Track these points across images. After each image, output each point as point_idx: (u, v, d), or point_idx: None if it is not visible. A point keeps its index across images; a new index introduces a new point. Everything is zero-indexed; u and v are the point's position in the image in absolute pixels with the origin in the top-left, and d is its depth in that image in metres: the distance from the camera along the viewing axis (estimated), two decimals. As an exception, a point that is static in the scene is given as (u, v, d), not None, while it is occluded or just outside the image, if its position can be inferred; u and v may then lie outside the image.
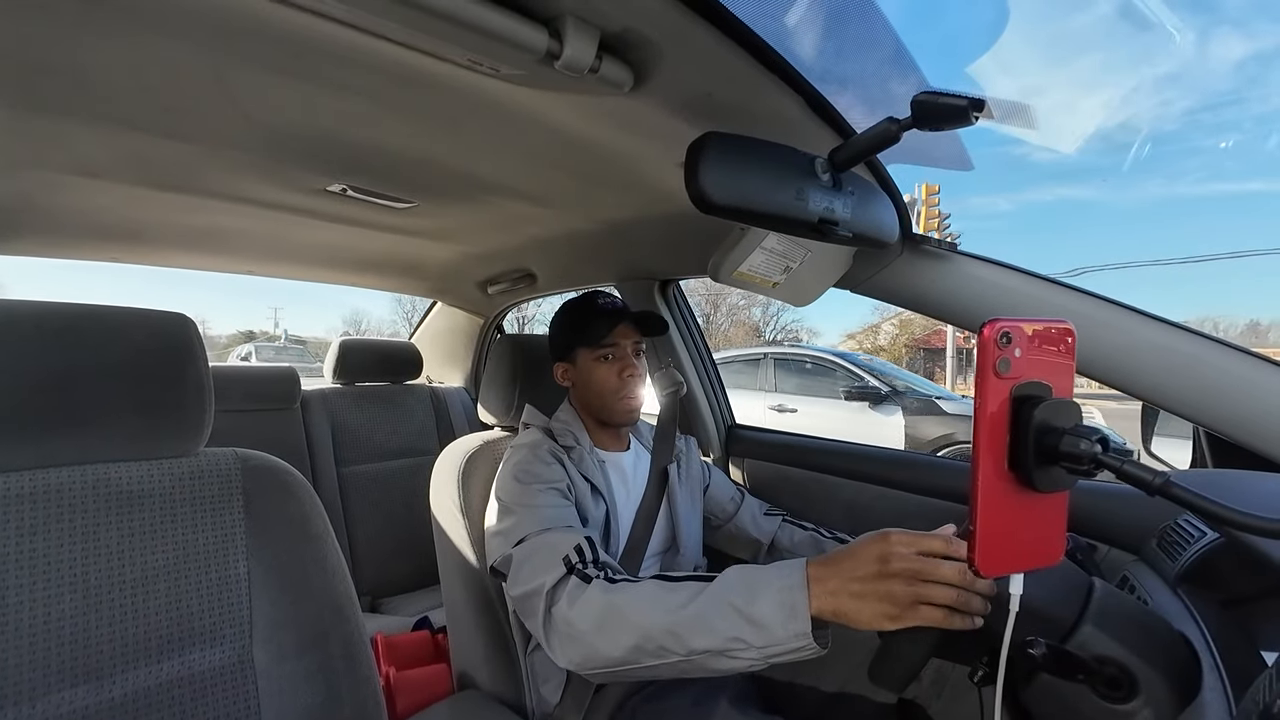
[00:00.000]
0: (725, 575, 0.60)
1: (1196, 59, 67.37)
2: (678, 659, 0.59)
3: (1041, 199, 44.91)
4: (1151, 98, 71.84)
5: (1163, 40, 6.29)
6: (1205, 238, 43.71)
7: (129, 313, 0.60)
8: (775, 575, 0.57)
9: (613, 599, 0.64)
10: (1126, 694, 0.52)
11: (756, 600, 0.56)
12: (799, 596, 0.54)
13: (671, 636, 0.59)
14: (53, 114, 0.70)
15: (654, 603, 0.61)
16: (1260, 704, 0.35)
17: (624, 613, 0.62)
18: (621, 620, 0.62)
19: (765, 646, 0.55)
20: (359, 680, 0.65)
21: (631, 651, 0.61)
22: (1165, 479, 0.34)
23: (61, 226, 1.14)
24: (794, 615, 0.54)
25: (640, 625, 0.60)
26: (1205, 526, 0.66)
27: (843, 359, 5.54)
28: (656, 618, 0.60)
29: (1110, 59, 13.10)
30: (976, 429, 0.37)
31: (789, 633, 0.54)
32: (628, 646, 0.61)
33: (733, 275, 0.80)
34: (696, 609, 0.59)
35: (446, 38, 0.52)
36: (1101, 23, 9.67)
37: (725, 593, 0.58)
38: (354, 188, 0.97)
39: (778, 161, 0.59)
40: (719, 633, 0.56)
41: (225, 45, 0.57)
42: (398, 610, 1.59)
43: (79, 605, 0.53)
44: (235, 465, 0.64)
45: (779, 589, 0.55)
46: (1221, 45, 61.86)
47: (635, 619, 0.61)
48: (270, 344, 19.76)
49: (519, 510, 0.81)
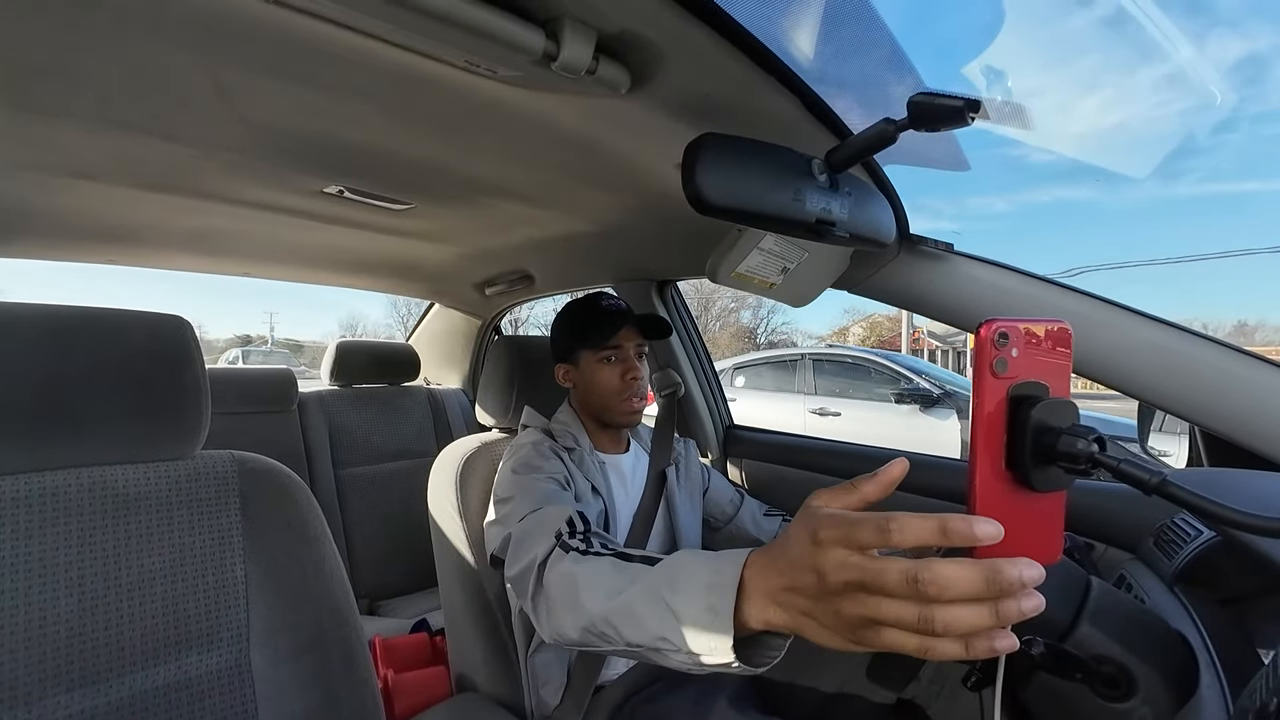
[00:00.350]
0: (669, 560, 0.53)
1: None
2: (623, 647, 0.53)
3: (1039, 199, 45.09)
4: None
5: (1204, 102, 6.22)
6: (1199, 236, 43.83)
7: (125, 315, 0.60)
8: (708, 569, 0.46)
9: (574, 572, 0.61)
10: (1124, 693, 0.52)
11: (681, 595, 0.47)
12: (724, 600, 0.43)
13: (608, 624, 0.53)
14: (48, 116, 0.70)
15: (599, 584, 0.57)
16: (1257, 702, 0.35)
17: (576, 592, 0.58)
18: (575, 599, 0.58)
19: (692, 653, 0.45)
20: (357, 683, 0.65)
21: (583, 633, 0.57)
22: (1162, 478, 0.34)
23: (57, 229, 1.14)
24: (716, 622, 0.43)
25: (585, 608, 0.56)
26: (1202, 525, 0.67)
27: (888, 359, 5.22)
28: (598, 602, 0.55)
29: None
30: (973, 429, 0.37)
31: (711, 643, 0.44)
32: (579, 627, 0.57)
33: (731, 276, 0.80)
34: (629, 598, 0.52)
35: (443, 39, 0.52)
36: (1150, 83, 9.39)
37: (659, 582, 0.50)
38: (351, 189, 0.96)
39: (775, 162, 0.59)
40: (647, 629, 0.49)
41: (220, 47, 0.57)
42: (396, 612, 1.59)
43: (75, 609, 0.53)
44: (232, 468, 0.64)
45: (705, 586, 0.45)
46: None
47: (583, 600, 0.57)
48: (259, 348, 20.14)
49: (518, 496, 0.81)
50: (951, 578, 0.31)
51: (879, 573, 0.33)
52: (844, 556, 0.35)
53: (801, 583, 0.38)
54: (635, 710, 0.86)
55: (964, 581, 0.31)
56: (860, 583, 0.34)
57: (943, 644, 0.33)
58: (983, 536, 0.32)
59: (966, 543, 0.32)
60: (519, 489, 0.82)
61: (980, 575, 0.31)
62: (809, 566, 0.37)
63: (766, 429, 1.50)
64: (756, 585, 0.42)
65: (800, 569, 0.38)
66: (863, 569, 0.34)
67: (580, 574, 0.60)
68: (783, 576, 0.40)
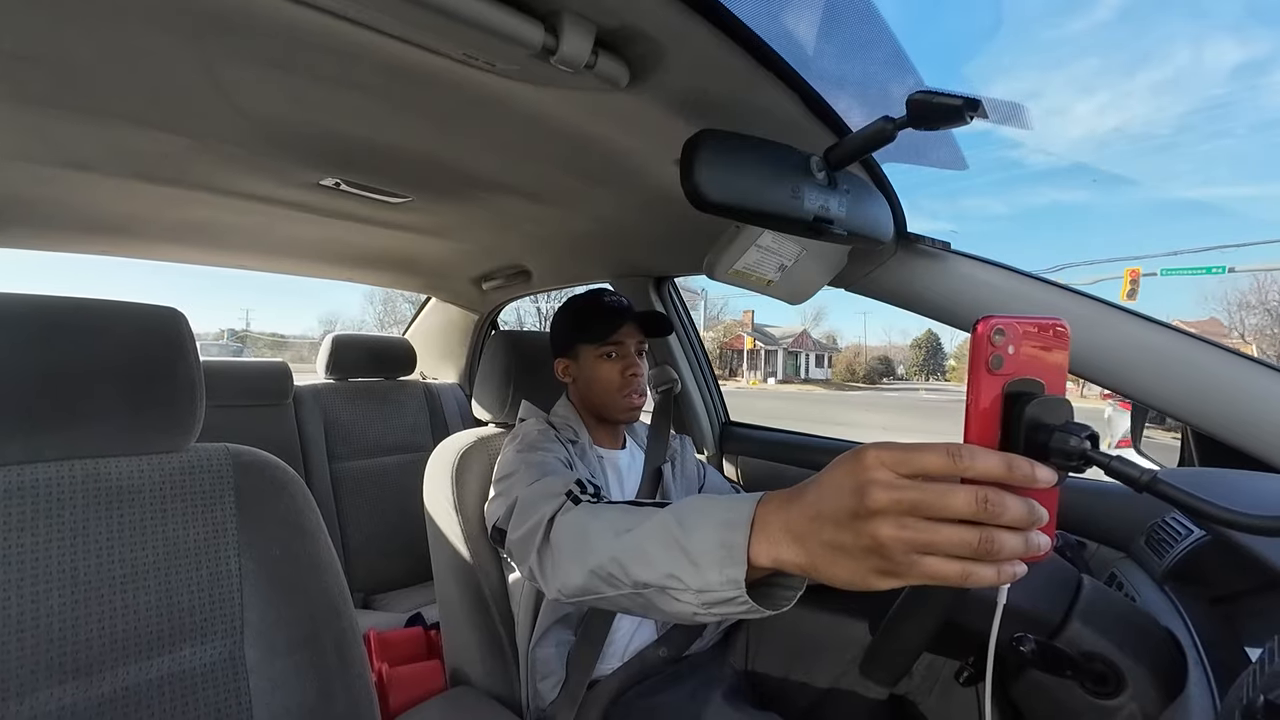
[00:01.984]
0: (682, 502, 0.53)
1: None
2: (629, 590, 0.53)
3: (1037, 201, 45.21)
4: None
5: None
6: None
7: (119, 306, 0.59)
8: (722, 508, 0.47)
9: (584, 518, 0.61)
10: (1113, 689, 0.53)
11: (695, 532, 0.47)
12: (737, 536, 0.43)
13: (617, 563, 0.53)
14: (40, 105, 0.69)
15: (609, 525, 0.57)
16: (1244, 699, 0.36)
17: (587, 534, 0.58)
18: (584, 541, 0.58)
19: (702, 590, 0.46)
20: (352, 677, 0.65)
21: (589, 577, 0.56)
22: (1153, 476, 0.35)
23: (50, 219, 1.13)
24: (729, 557, 0.43)
25: (595, 547, 0.56)
26: (1192, 524, 0.67)
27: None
28: (607, 541, 0.55)
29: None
30: (968, 424, 0.37)
31: (723, 578, 0.44)
32: (586, 571, 0.57)
33: (728, 273, 0.80)
34: (642, 533, 0.52)
35: (441, 32, 0.52)
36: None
37: (671, 521, 0.50)
38: (348, 182, 0.96)
39: (773, 159, 0.59)
40: (657, 565, 0.49)
41: (215, 37, 0.56)
42: (391, 607, 1.59)
43: (68, 601, 0.53)
44: (227, 461, 0.64)
45: (719, 523, 0.45)
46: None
47: (593, 540, 0.57)
48: (215, 343, 21.10)
49: (522, 470, 0.81)
50: (1009, 503, 0.33)
51: (944, 493, 0.34)
52: (895, 479, 0.35)
53: (833, 506, 0.38)
54: (630, 705, 0.86)
55: (1016, 507, 0.34)
56: (915, 505, 0.34)
57: (983, 569, 0.34)
58: (1042, 479, 0.34)
59: (1027, 483, 0.34)
60: (523, 464, 0.82)
61: (1025, 505, 0.34)
62: (851, 488, 0.37)
63: (763, 426, 1.50)
64: (772, 520, 0.42)
65: (836, 493, 0.38)
66: (923, 491, 0.34)
67: (591, 519, 0.60)
68: (809, 507, 0.40)
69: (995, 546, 0.33)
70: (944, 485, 0.34)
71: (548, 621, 0.88)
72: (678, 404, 1.46)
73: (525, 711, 0.90)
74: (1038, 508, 0.34)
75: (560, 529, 0.64)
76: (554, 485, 0.73)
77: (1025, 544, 0.34)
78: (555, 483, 0.74)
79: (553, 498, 0.70)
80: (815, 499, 0.40)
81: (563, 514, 0.66)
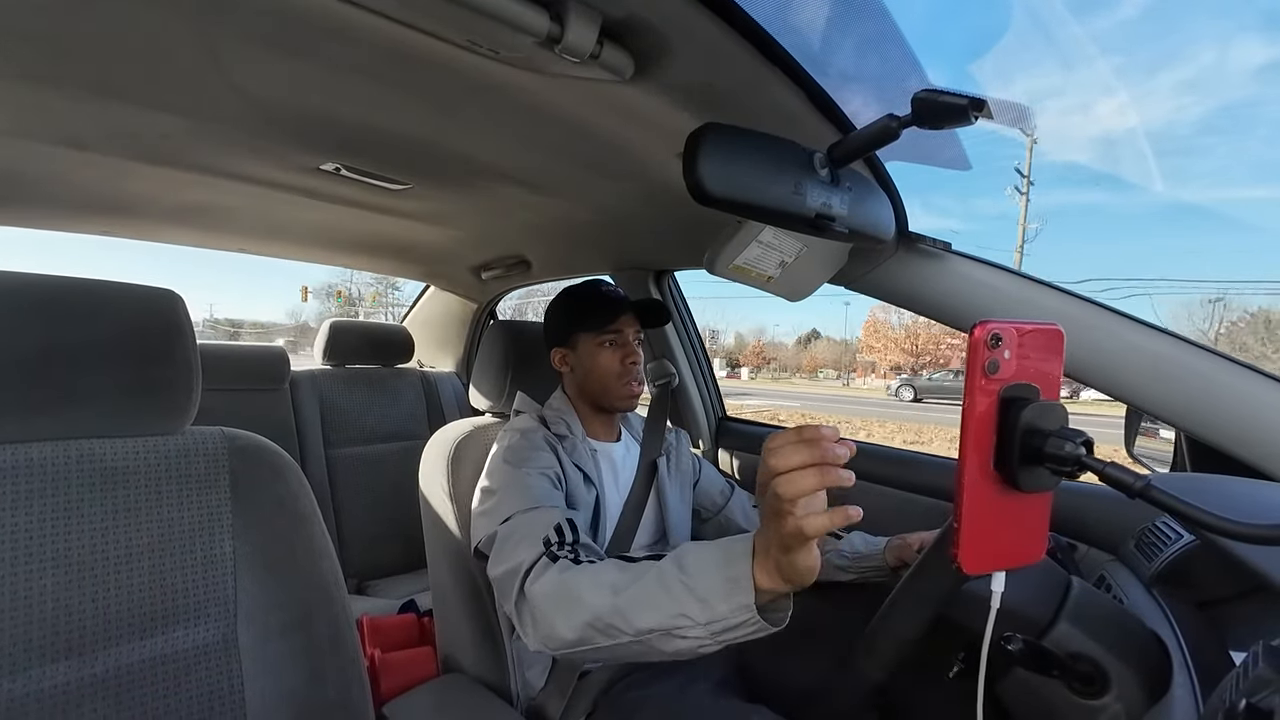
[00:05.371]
0: (676, 552, 0.58)
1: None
2: (628, 639, 0.57)
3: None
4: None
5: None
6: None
7: (117, 287, 0.59)
8: (721, 549, 0.54)
9: (566, 578, 0.64)
10: (1099, 689, 0.53)
11: (700, 574, 0.53)
12: (741, 568, 0.50)
13: (619, 615, 0.57)
14: (38, 82, 0.68)
15: (604, 582, 0.60)
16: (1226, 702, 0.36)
17: (577, 592, 0.61)
18: (574, 600, 0.61)
19: (710, 623, 0.52)
20: (344, 661, 0.65)
21: (584, 630, 0.60)
22: (1146, 482, 0.35)
23: (47, 198, 1.12)
24: (736, 587, 0.50)
25: (590, 604, 0.59)
26: (1182, 529, 0.68)
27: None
28: (604, 597, 0.59)
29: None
30: (964, 428, 0.37)
31: (732, 605, 0.50)
32: (580, 625, 0.60)
33: (728, 268, 0.80)
34: (642, 586, 0.57)
35: (445, 16, 0.51)
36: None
37: (671, 569, 0.56)
38: (348, 167, 0.95)
39: (776, 155, 0.59)
40: (663, 609, 0.54)
41: (219, 17, 0.56)
42: (384, 593, 1.60)
43: (61, 581, 0.53)
44: (222, 444, 0.64)
45: (722, 561, 0.52)
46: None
47: (587, 598, 0.60)
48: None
49: (506, 490, 0.81)
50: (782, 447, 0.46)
51: (780, 456, 0.45)
52: (765, 467, 0.46)
53: (764, 510, 0.48)
54: (619, 696, 0.87)
55: (795, 452, 0.45)
56: (771, 475, 0.46)
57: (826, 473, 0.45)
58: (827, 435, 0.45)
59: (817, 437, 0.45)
60: (509, 482, 0.81)
61: (806, 446, 0.45)
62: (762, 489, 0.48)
63: (759, 421, 1.51)
64: (762, 555, 0.50)
65: (762, 502, 0.48)
66: (772, 459, 0.46)
67: (579, 577, 0.63)
68: (763, 530, 0.49)
69: (826, 475, 0.44)
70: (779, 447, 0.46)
71: None
72: (674, 398, 1.47)
73: (515, 700, 0.91)
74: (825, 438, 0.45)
75: (542, 590, 0.65)
76: (534, 526, 0.73)
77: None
78: (536, 522, 0.74)
79: (530, 545, 0.70)
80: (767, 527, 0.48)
81: (540, 570, 0.67)
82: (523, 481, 0.81)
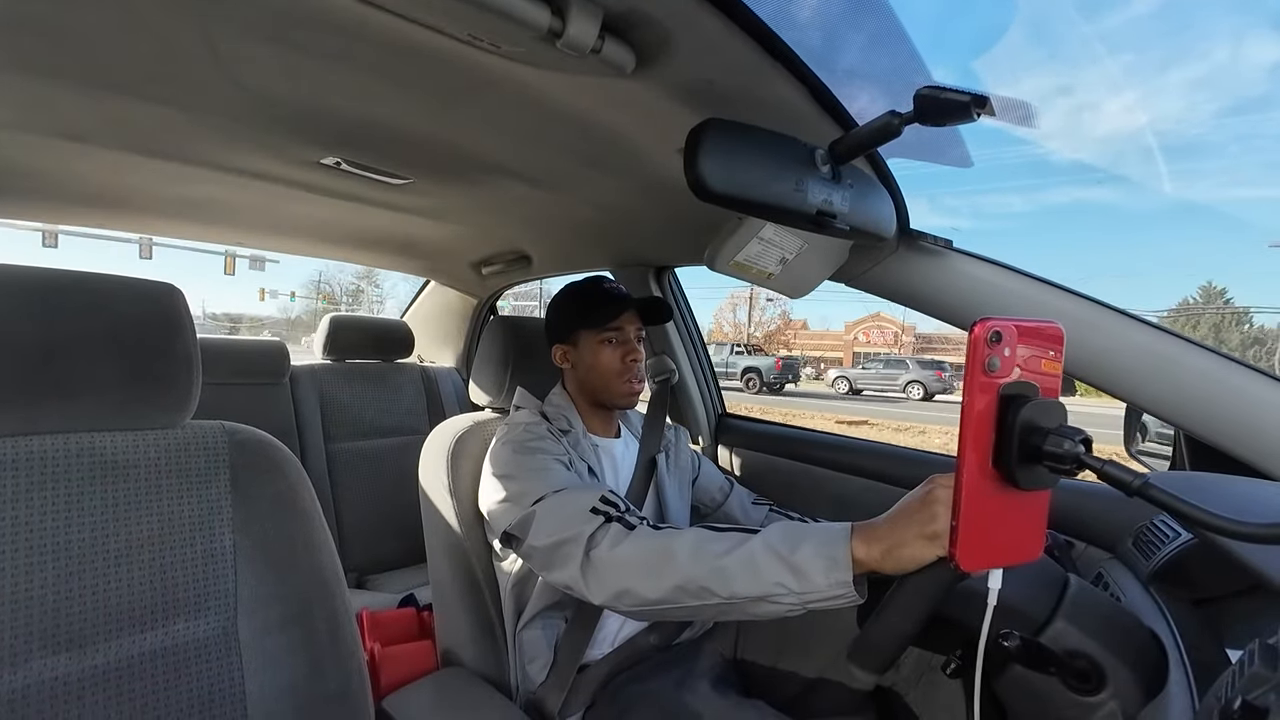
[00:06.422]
0: (770, 528, 0.63)
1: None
2: (718, 602, 0.61)
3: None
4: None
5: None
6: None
7: (117, 281, 0.59)
8: (819, 530, 0.60)
9: (664, 542, 0.67)
10: (1095, 687, 0.54)
11: (799, 549, 0.58)
12: (840, 549, 0.56)
13: (716, 579, 0.61)
14: (36, 74, 0.68)
15: (700, 548, 0.64)
16: (1222, 699, 0.36)
17: (673, 555, 0.64)
18: (669, 562, 0.64)
19: (805, 593, 0.57)
20: (343, 655, 0.66)
21: (673, 592, 0.63)
22: (1144, 481, 0.35)
23: (45, 191, 1.12)
24: (835, 565, 0.56)
25: (686, 568, 0.63)
26: (1179, 527, 0.68)
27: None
28: (702, 562, 0.62)
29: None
30: (963, 426, 0.37)
31: (830, 581, 0.56)
32: (670, 587, 0.63)
33: (729, 265, 0.80)
34: (742, 555, 0.61)
35: (446, 10, 0.51)
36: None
37: (771, 542, 0.61)
38: (348, 162, 0.95)
39: (778, 151, 0.59)
40: (763, 579, 0.59)
41: (219, 9, 0.55)
42: (384, 587, 1.60)
43: (61, 573, 0.53)
44: (222, 438, 0.64)
45: (822, 540, 0.58)
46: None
47: (682, 562, 0.63)
48: None
49: (528, 475, 0.81)
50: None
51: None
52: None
53: (906, 505, 0.55)
54: (619, 690, 0.87)
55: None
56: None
57: None
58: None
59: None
60: (530, 468, 0.82)
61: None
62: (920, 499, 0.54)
63: (759, 419, 1.51)
64: (859, 538, 0.56)
65: (909, 500, 0.55)
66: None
67: (673, 543, 0.66)
68: (888, 518, 0.56)
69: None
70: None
71: (538, 606, 0.89)
72: (674, 394, 1.47)
73: (514, 693, 0.91)
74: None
75: (624, 553, 0.68)
76: (580, 500, 0.75)
77: None
78: (581, 497, 0.75)
79: (579, 515, 0.73)
80: (892, 514, 0.55)
81: (615, 534, 0.70)
82: (543, 465, 0.82)
